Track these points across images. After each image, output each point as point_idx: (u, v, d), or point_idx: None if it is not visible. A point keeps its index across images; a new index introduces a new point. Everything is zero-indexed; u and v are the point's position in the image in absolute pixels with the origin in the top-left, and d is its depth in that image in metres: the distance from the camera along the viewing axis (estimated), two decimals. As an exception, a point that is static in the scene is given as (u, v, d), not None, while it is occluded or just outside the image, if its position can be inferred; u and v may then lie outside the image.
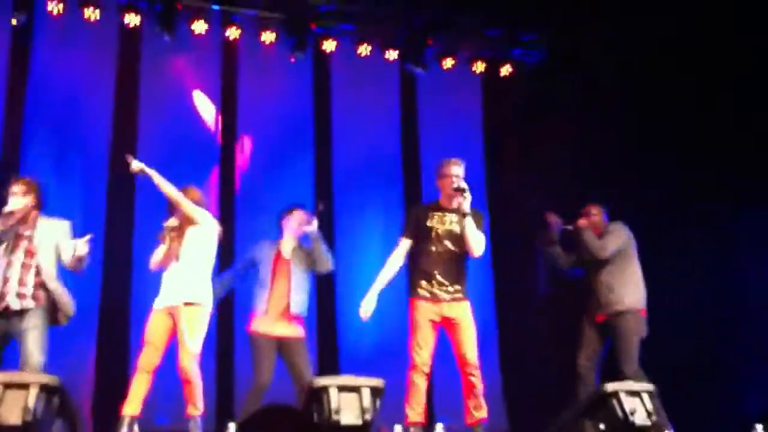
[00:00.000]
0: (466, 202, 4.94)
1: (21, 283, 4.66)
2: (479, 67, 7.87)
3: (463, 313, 5.05)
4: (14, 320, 4.64)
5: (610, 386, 4.56)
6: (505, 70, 7.89)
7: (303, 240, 5.64)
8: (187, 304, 4.91)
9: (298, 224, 5.62)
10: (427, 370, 5.01)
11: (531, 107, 7.62)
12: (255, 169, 7.28)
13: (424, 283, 5.06)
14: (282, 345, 5.47)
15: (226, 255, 6.79)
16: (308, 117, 7.53)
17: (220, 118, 7.25)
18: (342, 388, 4.28)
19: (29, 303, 4.66)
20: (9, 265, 4.68)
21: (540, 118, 7.47)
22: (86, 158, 6.79)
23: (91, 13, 6.81)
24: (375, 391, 4.32)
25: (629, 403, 4.46)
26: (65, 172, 6.65)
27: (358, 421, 4.12)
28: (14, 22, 6.68)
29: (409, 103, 7.84)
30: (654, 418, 4.45)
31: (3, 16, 6.64)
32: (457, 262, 5.10)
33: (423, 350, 5.00)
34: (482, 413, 4.93)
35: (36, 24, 6.80)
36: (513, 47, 7.82)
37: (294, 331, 5.52)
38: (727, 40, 6.54)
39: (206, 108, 7.24)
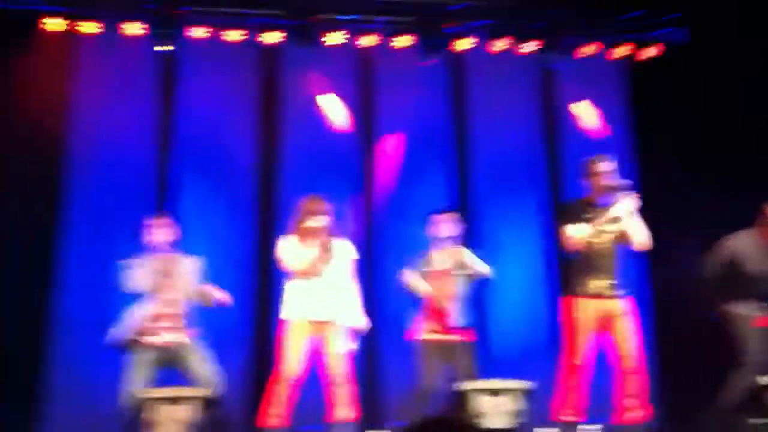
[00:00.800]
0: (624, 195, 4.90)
1: (177, 319, 4.96)
2: (620, 51, 7.55)
3: (623, 310, 4.95)
4: (175, 350, 4.91)
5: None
6: (649, 52, 7.53)
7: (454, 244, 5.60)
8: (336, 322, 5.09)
9: (447, 228, 5.61)
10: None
11: (680, 91, 7.22)
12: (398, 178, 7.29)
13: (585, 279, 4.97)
14: (448, 349, 5.46)
15: (367, 263, 6.90)
16: (447, 120, 7.45)
17: (356, 127, 7.30)
18: (489, 392, 4.23)
19: (183, 337, 4.95)
20: (165, 302, 4.96)
21: (692, 103, 7.07)
22: (234, 181, 7.01)
23: (232, 35, 7.04)
24: (523, 394, 4.24)
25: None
26: (213, 196, 6.90)
27: (507, 425, 4.06)
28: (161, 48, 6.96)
29: (549, 98, 7.61)
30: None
31: (149, 44, 6.94)
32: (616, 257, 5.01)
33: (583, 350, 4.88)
34: (639, 412, 4.79)
35: (182, 51, 7.08)
36: (656, 28, 7.45)
37: (458, 335, 5.50)
38: None
39: (335, 111, 7.28)
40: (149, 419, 3.93)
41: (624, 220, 4.94)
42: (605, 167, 5.03)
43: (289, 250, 5.15)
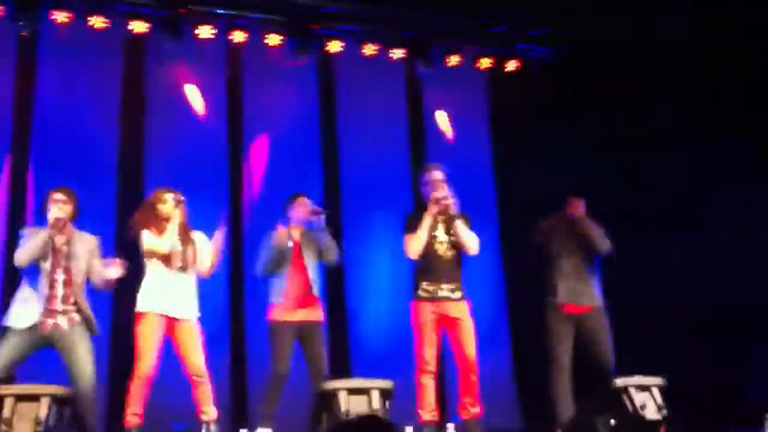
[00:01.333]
0: (450, 206, 5.25)
1: (66, 300, 4.73)
2: (484, 63, 7.85)
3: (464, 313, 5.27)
4: (56, 335, 4.68)
5: (620, 381, 4.57)
6: (511, 65, 7.87)
7: (308, 228, 5.61)
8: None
9: (304, 211, 5.59)
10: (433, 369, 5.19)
11: (538, 104, 7.59)
12: (267, 175, 7.27)
13: (425, 284, 5.26)
14: (302, 330, 5.43)
15: (237, 260, 6.88)
16: (315, 120, 7.52)
17: (224, 122, 7.25)
18: (352, 391, 4.31)
19: (76, 318, 4.73)
20: (52, 282, 4.72)
21: (548, 114, 7.45)
22: (95, 171, 6.76)
23: (97, 22, 6.81)
24: (385, 393, 4.34)
25: (639, 397, 4.48)
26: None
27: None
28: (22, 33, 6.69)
29: (415, 103, 7.82)
30: (664, 411, 4.46)
31: (9, 27, 6.63)
32: (456, 263, 5.35)
33: (428, 351, 5.16)
34: (477, 409, 5.18)
35: (42, 34, 6.80)
36: (519, 42, 7.80)
37: (314, 314, 5.50)
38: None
39: (197, 101, 7.20)
40: (1, 415, 3.76)
41: (458, 229, 5.27)
42: (434, 176, 5.37)
43: (149, 240, 5.03)
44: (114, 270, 4.79)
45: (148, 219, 5.10)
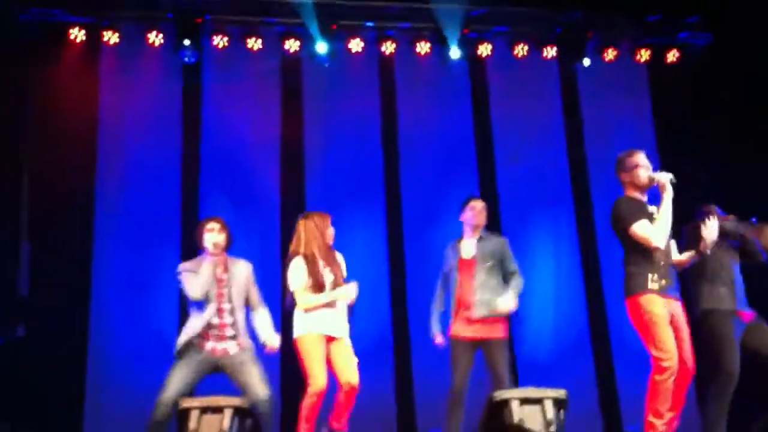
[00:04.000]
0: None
1: (233, 326, 4.93)
2: (643, 55, 7.55)
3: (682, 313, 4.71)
4: (226, 360, 4.88)
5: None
6: (672, 56, 7.53)
7: (485, 235, 5.52)
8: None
9: (472, 214, 5.49)
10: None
11: (701, 94, 7.22)
12: (422, 183, 7.26)
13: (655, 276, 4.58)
14: (484, 345, 5.32)
15: (398, 273, 6.92)
16: (468, 123, 7.44)
17: (380, 133, 7.31)
18: (524, 401, 4.22)
19: (243, 343, 4.92)
20: (219, 311, 4.92)
21: (713, 105, 7.07)
22: (259, 191, 6.99)
23: (254, 43, 7.07)
24: (558, 402, 4.23)
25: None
26: (240, 211, 6.83)
27: (543, 435, 4.05)
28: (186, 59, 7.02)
29: (571, 102, 7.58)
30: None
31: (173, 56, 6.99)
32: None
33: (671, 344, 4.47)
34: None
35: (204, 60, 7.11)
36: (678, 31, 7.47)
37: (495, 330, 5.33)
38: None
39: None
40: (186, 427, 3.94)
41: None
42: (642, 160, 4.75)
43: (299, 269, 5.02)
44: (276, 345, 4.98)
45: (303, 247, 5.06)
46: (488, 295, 5.32)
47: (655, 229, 4.49)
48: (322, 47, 7.12)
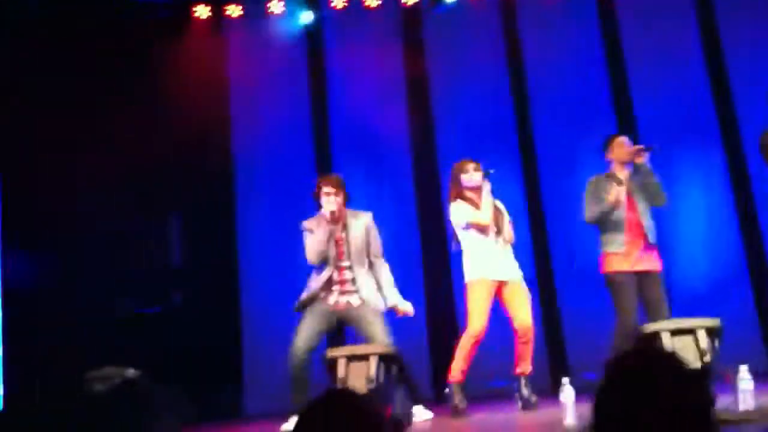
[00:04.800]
0: None
1: (354, 282, 5.01)
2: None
3: None
4: (350, 312, 5.00)
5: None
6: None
7: (633, 171, 5.27)
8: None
9: (626, 151, 5.23)
10: None
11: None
12: (555, 129, 7.04)
13: None
14: (642, 279, 5.14)
15: (537, 211, 6.81)
16: (600, 53, 7.13)
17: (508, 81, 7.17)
18: (676, 332, 4.07)
19: (364, 295, 4.99)
20: (339, 269, 5.02)
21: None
22: (390, 150, 7.04)
23: (371, 0, 7.07)
24: (711, 332, 4.05)
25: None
26: (372, 169, 6.95)
27: (697, 364, 3.88)
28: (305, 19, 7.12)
29: (709, 35, 7.06)
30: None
31: (292, 20, 7.10)
32: None
33: None
34: None
35: (324, 22, 7.20)
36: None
37: (653, 264, 5.18)
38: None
39: None
40: (336, 376, 4.05)
41: None
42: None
43: (463, 210, 5.13)
44: (407, 308, 5.02)
45: (458, 191, 5.19)
46: (652, 222, 5.22)
47: None
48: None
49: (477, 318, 4.97)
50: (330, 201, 5.00)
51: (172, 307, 6.88)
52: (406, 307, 5.07)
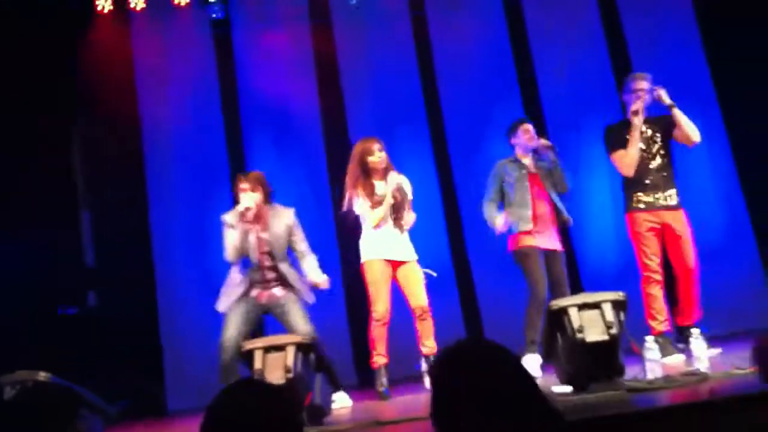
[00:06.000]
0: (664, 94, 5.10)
1: (277, 277, 5.03)
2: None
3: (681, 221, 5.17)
4: (271, 303, 5.02)
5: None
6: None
7: (538, 157, 5.50)
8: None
9: (528, 138, 5.47)
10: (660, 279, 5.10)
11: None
12: (462, 107, 7.18)
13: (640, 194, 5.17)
14: (546, 258, 5.38)
15: (450, 197, 6.90)
16: (505, 41, 7.27)
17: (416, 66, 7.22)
18: (582, 306, 4.18)
19: (288, 286, 5.03)
20: (261, 267, 5.02)
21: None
22: (301, 138, 7.04)
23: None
24: (617, 305, 4.18)
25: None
26: (285, 153, 6.94)
27: (604, 337, 4.00)
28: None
29: (611, 18, 7.28)
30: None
31: (201, 11, 7.03)
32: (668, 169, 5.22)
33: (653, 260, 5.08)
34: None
35: (231, 10, 7.15)
36: None
37: (556, 244, 5.44)
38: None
39: None
40: (253, 367, 4.04)
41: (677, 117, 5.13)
42: (641, 86, 5.19)
43: (360, 206, 5.20)
44: (325, 282, 5.06)
45: (358, 177, 5.21)
46: (557, 205, 5.47)
47: None
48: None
49: (379, 302, 5.07)
50: (245, 197, 4.97)
51: (88, 308, 6.74)
52: (321, 280, 5.07)
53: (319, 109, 7.07)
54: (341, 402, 4.94)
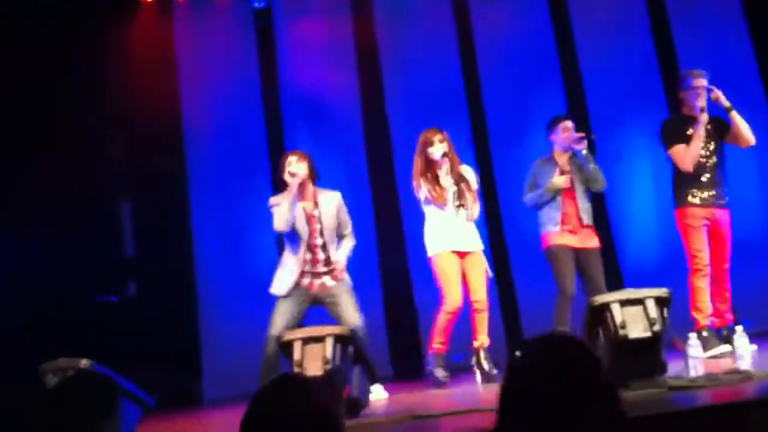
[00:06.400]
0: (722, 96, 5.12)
1: (327, 262, 5.03)
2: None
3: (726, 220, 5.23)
4: (323, 293, 5.01)
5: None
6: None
7: (574, 153, 5.47)
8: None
9: (566, 136, 5.46)
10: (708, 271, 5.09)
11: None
12: (503, 100, 7.11)
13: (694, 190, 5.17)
14: (579, 255, 5.42)
15: (490, 191, 6.84)
16: (548, 35, 7.18)
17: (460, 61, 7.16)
18: (625, 303, 4.12)
19: (338, 275, 5.02)
20: (312, 247, 5.00)
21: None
22: (342, 127, 7.03)
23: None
24: (660, 301, 4.11)
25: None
26: (325, 147, 6.89)
27: (647, 334, 3.94)
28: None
29: (657, 13, 7.15)
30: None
31: (243, 2, 7.05)
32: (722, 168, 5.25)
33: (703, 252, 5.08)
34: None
35: (273, 2, 7.15)
36: None
37: (591, 242, 5.46)
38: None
39: None
40: (292, 358, 4.04)
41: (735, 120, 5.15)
42: (700, 83, 5.16)
43: (423, 191, 5.17)
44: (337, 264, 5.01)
45: (421, 167, 5.21)
46: (588, 204, 5.51)
47: None
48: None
49: (450, 293, 5.07)
50: (291, 167, 4.96)
51: (127, 297, 6.80)
52: (337, 260, 5.04)
53: (359, 101, 7.06)
54: (377, 394, 4.93)
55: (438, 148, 5.16)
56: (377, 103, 7.06)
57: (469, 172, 5.30)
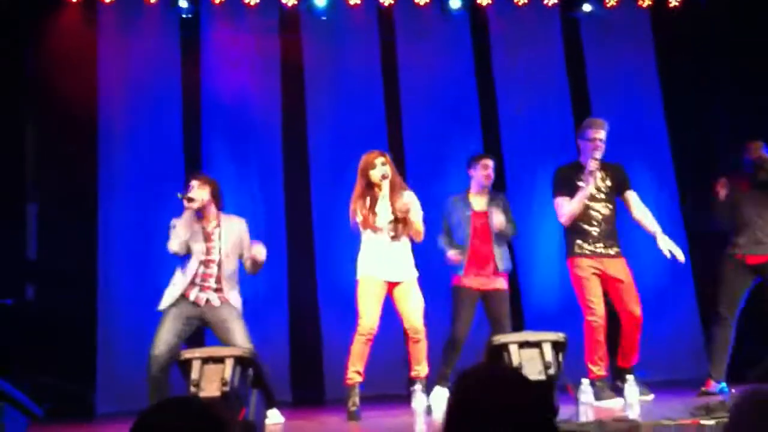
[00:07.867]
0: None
1: (218, 280, 4.97)
2: (645, 0, 7.43)
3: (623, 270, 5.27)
4: (208, 311, 4.93)
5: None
6: (674, 1, 7.40)
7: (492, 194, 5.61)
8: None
9: (485, 174, 5.57)
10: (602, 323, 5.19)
11: (706, 43, 7.15)
12: (423, 134, 7.21)
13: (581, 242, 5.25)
14: (486, 295, 5.51)
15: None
16: (470, 77, 7.35)
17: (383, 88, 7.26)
18: (523, 345, 4.23)
19: (226, 298, 4.97)
20: (206, 262, 4.95)
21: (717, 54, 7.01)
22: (261, 146, 6.98)
23: (251, -1, 7.00)
24: (556, 345, 4.23)
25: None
26: (242, 163, 6.88)
27: (541, 377, 4.06)
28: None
29: (574, 50, 7.46)
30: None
31: (171, 10, 6.98)
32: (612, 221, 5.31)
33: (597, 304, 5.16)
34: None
35: (202, 15, 7.08)
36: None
37: (498, 283, 5.55)
38: None
39: None
40: (189, 377, 3.99)
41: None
42: (599, 135, 5.23)
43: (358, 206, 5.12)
44: (260, 251, 4.95)
45: (363, 188, 5.15)
46: (501, 249, 5.60)
47: None
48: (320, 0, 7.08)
49: (365, 316, 4.98)
50: (194, 189, 4.94)
51: (24, 301, 6.58)
52: (257, 250, 4.98)
53: (280, 122, 7.04)
54: (274, 418, 4.89)
55: (378, 171, 5.09)
56: (298, 124, 7.05)
57: (411, 196, 5.19)
